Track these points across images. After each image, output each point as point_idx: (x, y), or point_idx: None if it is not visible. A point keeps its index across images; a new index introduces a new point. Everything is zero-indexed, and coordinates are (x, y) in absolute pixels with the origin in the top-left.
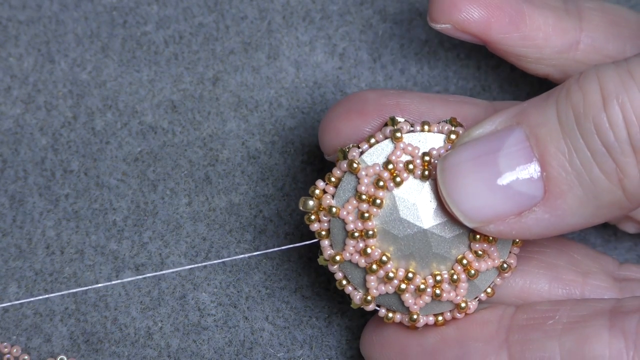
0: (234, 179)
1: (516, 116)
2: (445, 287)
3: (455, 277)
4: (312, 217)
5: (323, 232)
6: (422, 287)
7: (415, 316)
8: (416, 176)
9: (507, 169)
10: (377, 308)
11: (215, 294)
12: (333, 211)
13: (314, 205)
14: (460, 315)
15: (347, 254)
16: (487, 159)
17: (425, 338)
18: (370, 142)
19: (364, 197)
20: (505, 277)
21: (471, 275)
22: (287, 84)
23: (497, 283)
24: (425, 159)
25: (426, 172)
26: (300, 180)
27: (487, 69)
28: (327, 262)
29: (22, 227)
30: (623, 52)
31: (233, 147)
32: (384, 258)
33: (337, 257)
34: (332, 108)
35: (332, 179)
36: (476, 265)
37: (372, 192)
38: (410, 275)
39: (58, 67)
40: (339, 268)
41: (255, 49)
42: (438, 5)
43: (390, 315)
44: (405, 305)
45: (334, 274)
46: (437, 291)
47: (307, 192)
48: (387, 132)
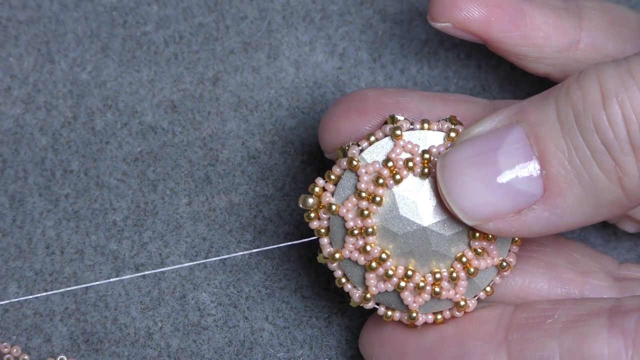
0: (234, 179)
1: (516, 114)
2: (445, 285)
3: (454, 275)
4: (312, 214)
5: (322, 230)
6: (421, 284)
7: (414, 314)
8: (416, 174)
9: (507, 167)
10: (376, 306)
11: (215, 294)
12: (333, 209)
13: (314, 203)
14: (460, 313)
15: (347, 252)
16: (486, 157)
17: (424, 336)
18: (370, 140)
19: (363, 194)
20: (504, 275)
21: (470, 274)
22: (287, 84)
23: (496, 282)
24: (425, 157)
25: (426, 169)
26: (300, 180)
27: (487, 68)
28: (326, 260)
29: (22, 227)
30: (623, 52)
31: (233, 147)
32: (383, 255)
33: (337, 255)
34: (332, 106)
35: (332, 177)
36: (475, 263)
37: (371, 189)
38: (409, 273)
39: (58, 67)
40: (338, 266)
41: (255, 49)
42: (438, 4)
43: (390, 313)
44: (405, 304)
45: (333, 272)
46: (437, 289)
47: (307, 192)
48: (387, 130)
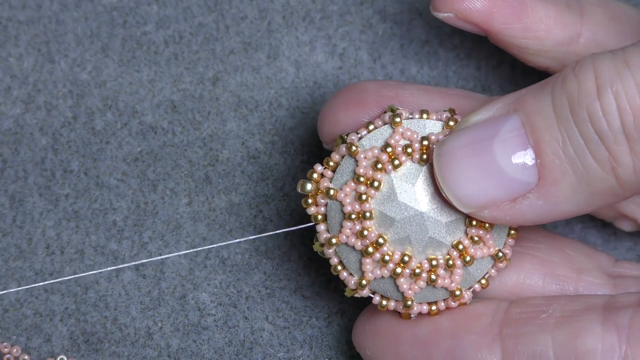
0: (234, 179)
1: (513, 103)
2: (441, 273)
3: (450, 262)
4: (310, 200)
5: (319, 217)
6: (417, 271)
7: (409, 302)
8: (414, 160)
9: (502, 155)
10: (371, 295)
11: (215, 294)
12: (331, 193)
13: (312, 188)
14: (455, 304)
15: (344, 236)
16: (482, 145)
17: (418, 328)
18: (369, 129)
19: (362, 179)
20: (499, 267)
21: (466, 262)
22: (287, 84)
23: (491, 274)
24: (424, 143)
25: (425, 156)
26: None
27: (487, 69)
28: (322, 248)
29: (22, 227)
30: None
31: (233, 147)
32: (380, 240)
33: (333, 240)
34: (332, 98)
35: (331, 164)
36: (472, 251)
37: (370, 174)
38: (406, 259)
39: (58, 67)
40: (335, 252)
41: (255, 49)
42: None
43: (385, 302)
44: (400, 291)
45: (329, 259)
46: (433, 276)
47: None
48: (386, 118)
